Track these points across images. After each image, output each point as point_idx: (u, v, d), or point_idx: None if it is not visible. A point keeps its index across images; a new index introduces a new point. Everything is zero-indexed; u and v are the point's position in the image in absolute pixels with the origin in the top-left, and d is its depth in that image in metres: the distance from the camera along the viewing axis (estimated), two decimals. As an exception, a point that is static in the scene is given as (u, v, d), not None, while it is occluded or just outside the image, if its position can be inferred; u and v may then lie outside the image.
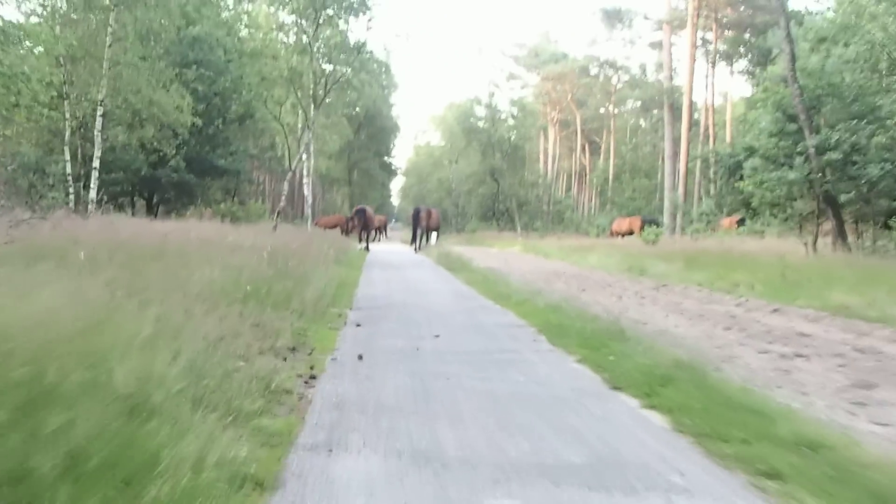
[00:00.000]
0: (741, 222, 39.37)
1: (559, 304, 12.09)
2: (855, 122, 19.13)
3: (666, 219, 42.61)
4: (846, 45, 20.19)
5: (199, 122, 25.52)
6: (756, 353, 8.46)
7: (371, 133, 64.65)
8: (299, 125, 37.83)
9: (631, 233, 42.69)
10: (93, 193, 20.96)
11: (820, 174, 19.66)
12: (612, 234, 43.44)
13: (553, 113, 78.32)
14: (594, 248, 31.99)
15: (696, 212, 45.85)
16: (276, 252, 14.03)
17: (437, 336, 8.62)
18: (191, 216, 30.69)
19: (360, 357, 7.02)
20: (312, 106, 21.09)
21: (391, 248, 41.19)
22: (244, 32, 35.33)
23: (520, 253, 39.37)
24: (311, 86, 21.20)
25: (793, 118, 21.25)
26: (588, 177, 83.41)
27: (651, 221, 43.52)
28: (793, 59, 19.39)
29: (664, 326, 10.49)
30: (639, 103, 78.19)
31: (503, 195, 65.94)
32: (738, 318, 12.06)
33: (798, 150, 20.93)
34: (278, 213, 20.75)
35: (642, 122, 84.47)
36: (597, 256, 28.29)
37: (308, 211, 50.51)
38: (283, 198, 21.10)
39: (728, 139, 54.00)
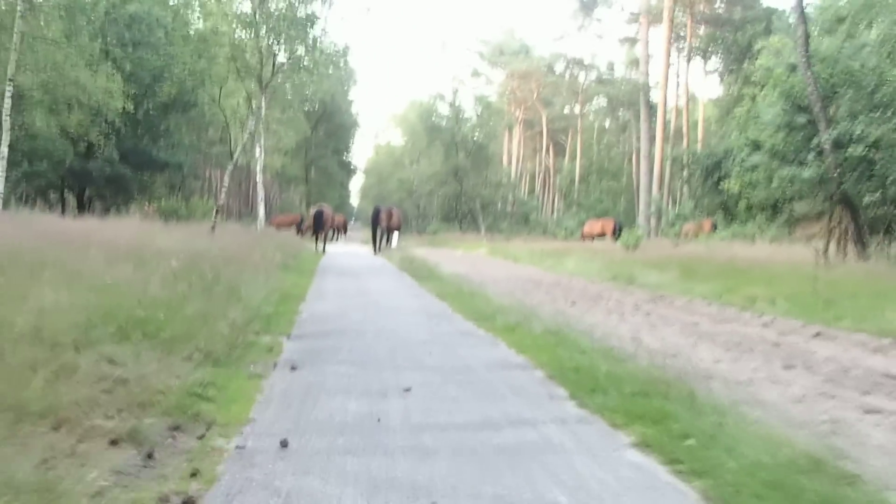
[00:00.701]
0: (714, 227, 37.31)
1: (558, 328, 9.51)
2: (879, 112, 16.73)
3: (641, 221, 40.37)
4: (869, 25, 17.84)
5: (129, 106, 22.53)
6: (863, 414, 5.92)
7: (329, 130, 61.68)
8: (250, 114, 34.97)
9: (602, 235, 40.38)
10: (0, 186, 17.95)
11: (836, 172, 17.23)
12: (583, 237, 41.08)
13: (518, 112, 75.95)
14: (569, 253, 29.51)
15: (672, 214, 43.69)
16: (202, 259, 11.28)
17: (408, 390, 5.89)
18: (131, 214, 27.82)
19: (284, 444, 4.26)
20: (259, 90, 18.30)
21: (349, 250, 38.43)
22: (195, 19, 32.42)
23: (487, 256, 36.84)
24: (258, 66, 18.34)
25: (803, 109, 18.86)
26: (552, 178, 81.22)
27: (620, 225, 41.33)
28: (806, 41, 16.96)
29: (704, 363, 7.95)
30: (605, 102, 76.05)
31: (466, 196, 63.42)
32: (782, 346, 9.53)
33: (811, 145, 18.53)
34: (217, 211, 17.93)
35: (607, 123, 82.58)
36: (574, 262, 25.82)
37: (261, 209, 47.71)
38: (224, 193, 18.27)
39: (700, 140, 52.06)
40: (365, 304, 12.16)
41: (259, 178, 47.77)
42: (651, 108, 79.37)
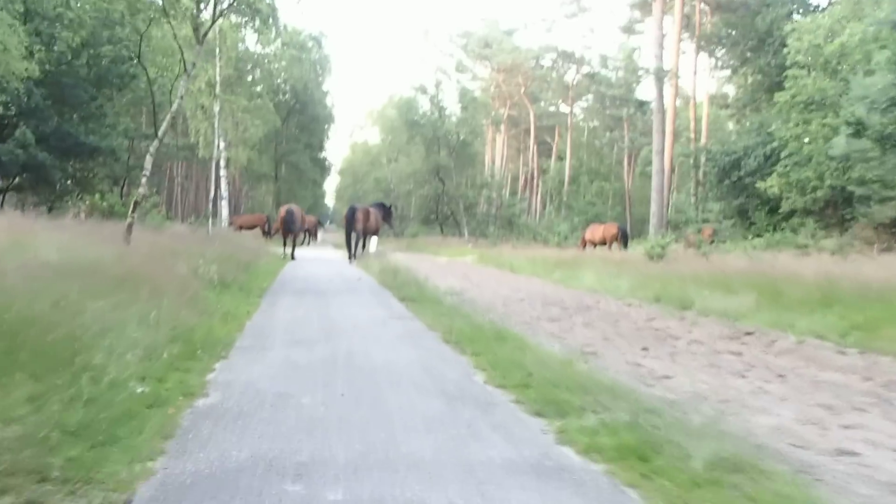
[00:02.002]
0: (714, 234, 32.95)
1: (704, 429, 4.77)
2: None
3: (653, 225, 35.72)
4: None
5: (34, 70, 17.55)
6: None
7: (302, 123, 56.50)
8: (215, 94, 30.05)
9: (604, 243, 35.80)
10: None
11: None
12: (583, 243, 36.40)
13: (503, 109, 71.17)
14: (579, 263, 24.89)
15: (683, 219, 39.17)
16: (70, 278, 6.52)
17: None
18: (58, 211, 22.95)
19: None
20: (196, 40, 13.64)
21: (320, 256, 33.52)
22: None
23: (477, 265, 32.17)
24: (192, 5, 13.76)
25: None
26: (537, 180, 76.57)
27: (625, 231, 36.78)
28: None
29: None
30: (596, 99, 71.46)
31: (448, 196, 58.67)
32: None
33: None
34: (136, 206, 13.09)
35: (594, 123, 78.11)
36: (593, 275, 21.20)
37: (224, 209, 42.67)
38: (144, 181, 13.41)
39: (703, 139, 47.62)
40: (330, 363, 7.10)
41: (222, 173, 42.99)
42: (641, 105, 75.58)
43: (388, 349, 7.85)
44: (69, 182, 26.25)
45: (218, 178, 43.12)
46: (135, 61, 21.14)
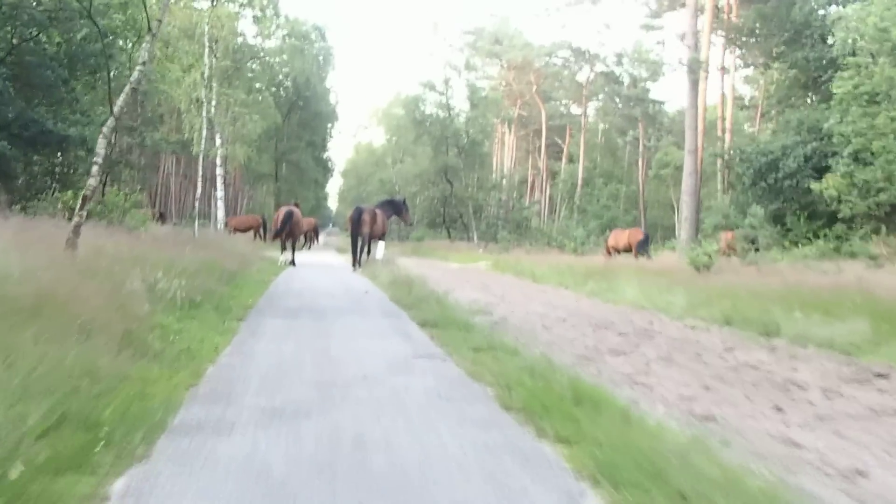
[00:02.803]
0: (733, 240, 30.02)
1: None
2: None
3: (683, 231, 32.72)
4: None
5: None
6: None
7: (304, 119, 53.54)
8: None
9: (628, 249, 32.90)
10: None
11: None
12: (607, 250, 33.48)
13: (514, 108, 68.28)
14: (614, 273, 22.02)
15: (710, 223, 36.22)
16: None
17: None
18: (34, 210, 20.11)
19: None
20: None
21: (322, 261, 30.71)
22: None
23: (493, 272, 29.39)
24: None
25: None
26: (546, 182, 73.67)
27: (648, 236, 33.93)
28: None
29: None
30: (611, 98, 68.58)
31: (456, 198, 55.87)
32: None
33: None
34: (84, 202, 10.29)
35: (605, 124, 75.23)
36: (634, 288, 18.36)
37: (220, 209, 39.83)
38: (96, 170, 10.62)
39: (727, 140, 44.74)
40: (325, 471, 3.97)
41: (219, 171, 40.19)
42: (654, 107, 72.65)
43: (420, 430, 4.89)
44: (46, 178, 23.41)
45: (214, 176, 40.36)
46: (109, 38, 18.30)
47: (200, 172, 24.96)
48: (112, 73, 22.29)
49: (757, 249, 27.60)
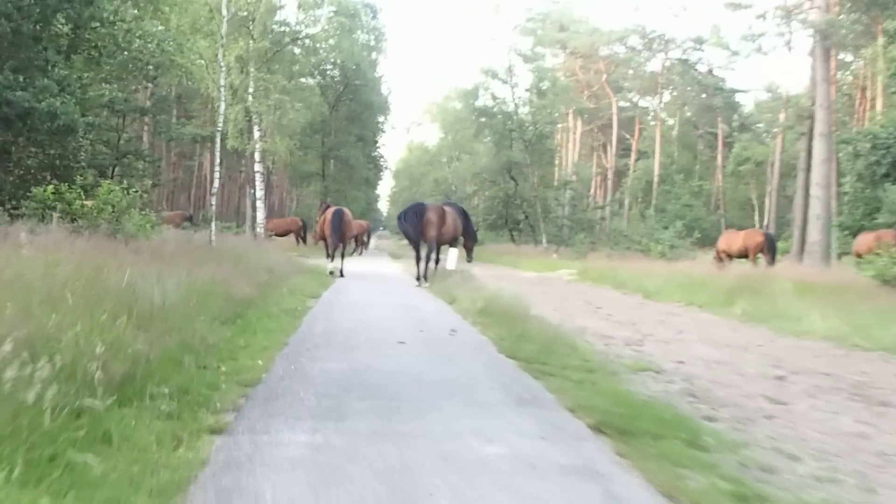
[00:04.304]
0: None
1: None
2: None
3: (814, 231, 26.74)
4: None
5: None
6: None
7: (353, 112, 48.21)
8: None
9: (744, 255, 27.16)
10: None
11: None
12: (718, 255, 27.79)
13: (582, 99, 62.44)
14: (763, 288, 16.50)
15: (838, 221, 30.19)
16: None
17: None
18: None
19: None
20: None
21: (375, 270, 25.54)
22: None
23: (583, 283, 24.15)
24: None
25: None
26: (614, 180, 67.61)
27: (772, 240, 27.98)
28: None
29: None
30: (693, 88, 62.40)
31: (521, 198, 50.29)
32: None
33: None
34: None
35: (675, 118, 69.01)
36: (817, 312, 12.88)
37: (260, 211, 34.91)
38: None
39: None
40: None
41: (257, 167, 35.34)
42: (732, 97, 66.07)
43: None
44: (46, 172, 18.52)
45: (252, 174, 35.51)
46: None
47: (218, 160, 19.84)
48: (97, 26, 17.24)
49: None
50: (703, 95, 63.00)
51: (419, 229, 18.31)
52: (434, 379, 6.55)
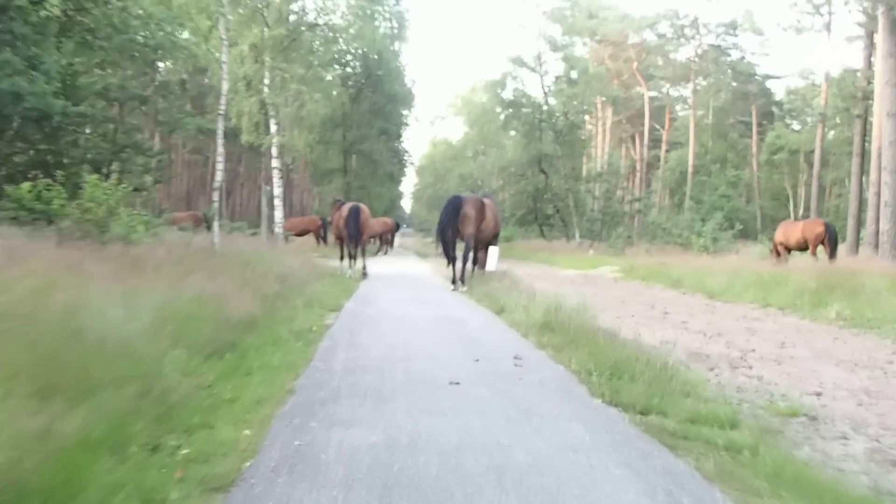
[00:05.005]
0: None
1: None
2: None
3: (885, 222, 24.30)
4: None
5: None
6: None
7: (375, 104, 45.95)
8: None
9: (803, 247, 24.75)
10: None
11: None
12: (776, 248, 25.39)
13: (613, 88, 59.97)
14: (853, 286, 14.18)
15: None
16: None
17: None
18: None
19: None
20: None
21: (402, 272, 23.45)
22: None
23: (630, 282, 21.97)
24: None
25: None
26: (645, 171, 65.07)
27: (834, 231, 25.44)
28: None
29: None
30: (726, 75, 59.74)
31: (552, 192, 48.03)
32: None
33: None
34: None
35: (711, 105, 66.35)
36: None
37: (278, 210, 32.72)
38: None
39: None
40: None
41: (274, 163, 33.18)
42: (765, 83, 63.21)
43: None
44: (38, 170, 16.58)
45: (269, 170, 33.42)
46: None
47: (221, 148, 17.56)
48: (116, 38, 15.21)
49: None
50: (735, 84, 60.60)
51: (455, 226, 16.08)
52: (520, 460, 4.12)
